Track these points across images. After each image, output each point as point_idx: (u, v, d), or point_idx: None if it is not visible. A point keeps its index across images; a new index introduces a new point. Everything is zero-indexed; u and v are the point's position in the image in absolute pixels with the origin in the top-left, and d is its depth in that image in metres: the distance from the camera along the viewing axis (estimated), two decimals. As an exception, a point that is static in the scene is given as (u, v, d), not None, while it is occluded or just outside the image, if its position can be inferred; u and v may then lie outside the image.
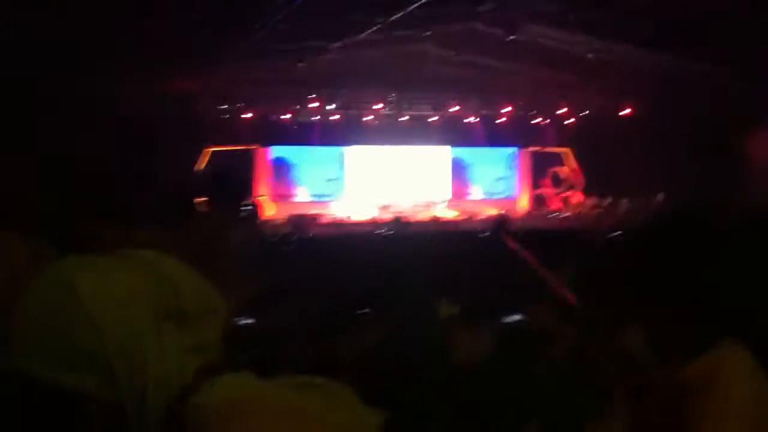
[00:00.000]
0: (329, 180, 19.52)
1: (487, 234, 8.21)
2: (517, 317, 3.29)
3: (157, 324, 0.76)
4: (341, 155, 19.72)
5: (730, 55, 13.24)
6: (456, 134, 20.16)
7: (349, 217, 18.59)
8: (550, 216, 19.68)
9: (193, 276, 0.84)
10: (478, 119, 20.01)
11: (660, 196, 18.83)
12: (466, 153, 21.05)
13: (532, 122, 20.72)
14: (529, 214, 20.55)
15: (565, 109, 19.91)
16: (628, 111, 19.07)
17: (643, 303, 2.23)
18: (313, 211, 18.11)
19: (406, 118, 19.45)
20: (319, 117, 18.77)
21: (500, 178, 21.41)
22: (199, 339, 0.80)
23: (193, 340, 0.79)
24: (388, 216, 17.94)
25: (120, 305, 0.76)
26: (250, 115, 17.87)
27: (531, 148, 21.47)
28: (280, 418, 0.73)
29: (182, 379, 0.75)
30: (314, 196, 19.43)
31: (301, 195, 19.42)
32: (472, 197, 21.01)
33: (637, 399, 2.50)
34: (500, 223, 7.13)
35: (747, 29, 11.71)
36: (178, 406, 0.74)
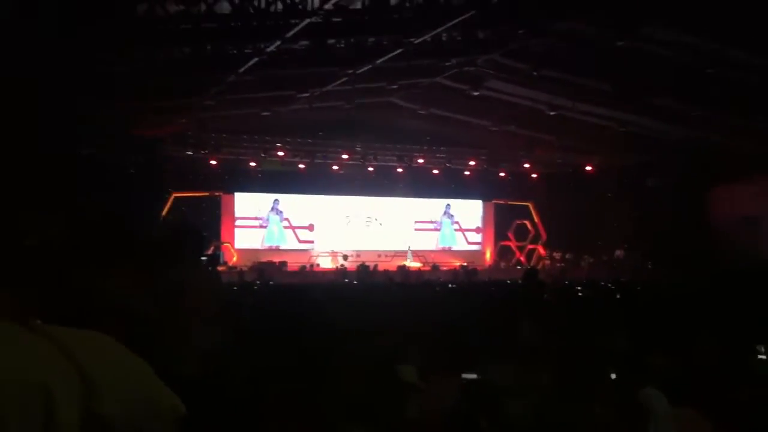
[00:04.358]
0: (294, 228, 19.49)
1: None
2: (473, 376, 3.32)
3: None
4: (307, 204, 19.74)
5: (690, 113, 13.76)
6: (421, 186, 20.39)
7: (314, 265, 18.52)
8: (514, 268, 19.89)
9: (130, 367, 0.58)
10: (443, 172, 20.27)
11: (619, 253, 19.18)
12: (431, 204, 21.31)
13: (496, 176, 21.09)
14: (493, 265, 20.75)
15: (527, 165, 20.33)
16: (589, 168, 19.50)
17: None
18: (278, 259, 17.97)
19: (371, 169, 19.62)
20: (284, 166, 18.80)
21: (464, 230, 21.65)
22: None
23: None
24: (352, 265, 17.97)
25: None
26: (214, 162, 17.84)
27: (495, 201, 21.80)
28: None
29: None
30: (280, 243, 19.33)
31: (267, 242, 19.31)
32: (436, 248, 21.16)
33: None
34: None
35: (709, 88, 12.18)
36: None
